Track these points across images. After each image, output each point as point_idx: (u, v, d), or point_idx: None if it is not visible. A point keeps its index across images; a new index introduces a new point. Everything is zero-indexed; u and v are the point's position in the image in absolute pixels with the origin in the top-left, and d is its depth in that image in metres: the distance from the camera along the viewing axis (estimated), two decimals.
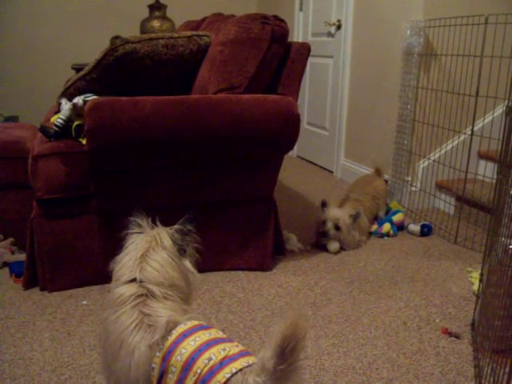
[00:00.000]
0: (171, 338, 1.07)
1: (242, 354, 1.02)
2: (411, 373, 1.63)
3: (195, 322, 1.12)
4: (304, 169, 4.34)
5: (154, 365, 1.06)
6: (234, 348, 1.04)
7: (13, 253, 2.37)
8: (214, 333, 1.09)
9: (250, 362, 0.99)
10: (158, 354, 1.06)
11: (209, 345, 1.03)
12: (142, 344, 1.07)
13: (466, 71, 2.86)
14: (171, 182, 2.12)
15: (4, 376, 1.58)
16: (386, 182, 3.28)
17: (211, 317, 1.94)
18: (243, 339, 1.79)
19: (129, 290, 1.16)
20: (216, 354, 1.01)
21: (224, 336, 1.10)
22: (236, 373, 0.97)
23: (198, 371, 0.99)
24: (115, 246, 2.05)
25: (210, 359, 1.00)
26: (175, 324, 1.11)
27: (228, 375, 0.96)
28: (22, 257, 2.28)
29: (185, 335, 1.07)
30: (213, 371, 0.98)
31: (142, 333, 1.09)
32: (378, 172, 3.15)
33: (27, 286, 2.13)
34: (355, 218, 2.60)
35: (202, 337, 1.06)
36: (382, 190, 2.96)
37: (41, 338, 1.78)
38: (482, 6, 2.93)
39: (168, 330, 1.09)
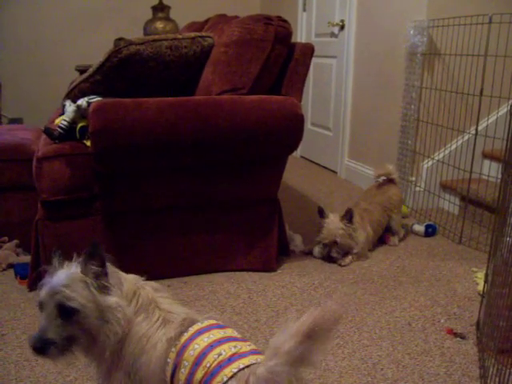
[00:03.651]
0: (187, 335, 1.10)
1: (252, 352, 1.05)
2: (416, 373, 1.62)
3: (212, 321, 1.16)
4: (308, 169, 4.33)
5: (168, 359, 1.09)
6: (245, 346, 1.07)
7: (18, 255, 2.38)
8: (230, 332, 1.13)
9: (259, 360, 1.00)
10: (173, 349, 1.09)
11: (221, 342, 1.06)
12: (164, 337, 1.11)
13: (470, 71, 2.85)
14: (175, 183, 2.12)
15: (10, 378, 1.58)
16: None
17: (215, 318, 1.94)
18: (248, 340, 1.78)
19: (141, 297, 1.18)
20: (226, 350, 1.04)
21: (239, 335, 1.13)
22: (243, 368, 0.99)
23: (208, 365, 1.02)
24: (119, 247, 2.04)
25: (219, 354, 1.03)
26: (192, 321, 1.14)
27: (235, 370, 0.99)
28: (26, 259, 2.29)
29: (200, 332, 1.10)
30: (221, 366, 1.01)
31: (165, 328, 1.13)
32: (392, 181, 2.81)
33: (32, 287, 2.13)
34: (348, 218, 2.42)
35: (217, 334, 1.09)
36: (396, 201, 2.73)
37: None
38: (485, 6, 2.92)
39: (184, 327, 1.12)
